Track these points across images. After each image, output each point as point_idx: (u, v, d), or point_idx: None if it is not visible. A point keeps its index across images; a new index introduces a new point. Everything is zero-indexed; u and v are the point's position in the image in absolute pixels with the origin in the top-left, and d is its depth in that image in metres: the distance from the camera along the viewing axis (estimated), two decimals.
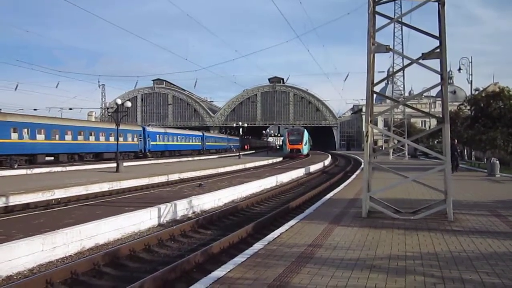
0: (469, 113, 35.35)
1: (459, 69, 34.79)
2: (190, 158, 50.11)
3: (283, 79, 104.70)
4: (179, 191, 16.79)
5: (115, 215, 10.48)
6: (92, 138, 39.14)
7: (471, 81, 34.94)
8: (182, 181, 23.11)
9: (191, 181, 23.00)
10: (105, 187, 18.46)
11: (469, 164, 32.11)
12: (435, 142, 57.22)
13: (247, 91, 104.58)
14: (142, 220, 11.14)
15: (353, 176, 22.28)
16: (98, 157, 39.80)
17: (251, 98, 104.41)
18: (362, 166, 27.64)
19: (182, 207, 12.93)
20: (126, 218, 10.60)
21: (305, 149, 58.35)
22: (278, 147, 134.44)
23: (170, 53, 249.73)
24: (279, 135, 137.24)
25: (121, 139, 37.53)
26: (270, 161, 45.49)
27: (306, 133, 59.78)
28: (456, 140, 25.96)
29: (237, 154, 53.73)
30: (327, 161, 46.09)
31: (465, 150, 39.92)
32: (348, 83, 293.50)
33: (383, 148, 60.61)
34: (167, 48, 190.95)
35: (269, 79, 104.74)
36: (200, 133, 69.44)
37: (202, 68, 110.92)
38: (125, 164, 29.58)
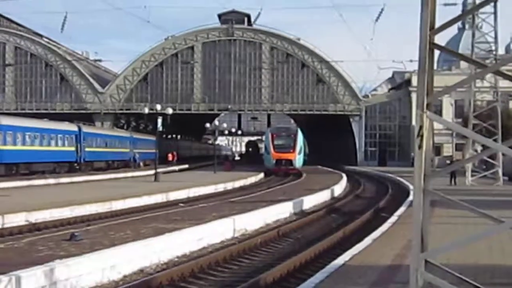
0: None
1: None
2: (52, 181, 49.46)
3: (249, 17, 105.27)
4: (27, 250, 16.67)
5: None
6: None
7: None
8: (34, 228, 22.84)
9: (54, 228, 22.79)
10: None
11: None
12: None
13: (173, 40, 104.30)
14: None
15: (392, 220, 22.84)
16: None
17: (183, 56, 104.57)
18: (411, 198, 27.75)
19: (34, 285, 12.74)
20: None
21: (299, 159, 66.72)
22: (239, 157, 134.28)
23: None
24: (240, 133, 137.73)
25: None
26: (221, 187, 45.85)
27: (300, 135, 68.39)
28: None
29: (153, 172, 53.44)
30: (339, 187, 46.81)
31: None
32: (382, 27, 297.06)
33: (453, 160, 61.64)
34: None
35: (219, 16, 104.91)
36: (74, 128, 68.87)
37: None
38: None
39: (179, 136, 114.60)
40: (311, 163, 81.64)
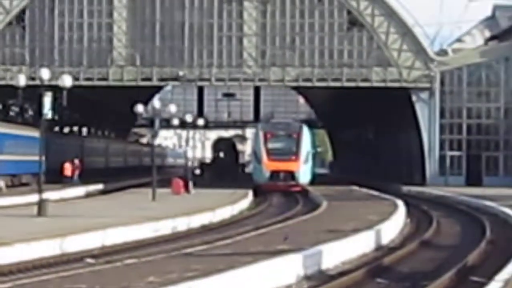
0: None
1: None
2: None
3: None
4: None
5: None
6: None
7: None
8: None
9: None
10: None
11: None
12: None
13: None
14: None
15: None
16: None
17: None
18: None
19: None
20: None
21: (304, 172, 59.38)
22: (200, 169, 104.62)
23: None
24: (203, 124, 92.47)
25: None
26: (166, 226, 35.27)
27: (307, 133, 61.10)
28: None
29: (37, 200, 38.33)
30: (392, 227, 35.72)
31: None
32: None
33: None
34: None
35: None
36: None
37: None
38: None
39: (85, 130, 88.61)
40: (338, 180, 70.36)
